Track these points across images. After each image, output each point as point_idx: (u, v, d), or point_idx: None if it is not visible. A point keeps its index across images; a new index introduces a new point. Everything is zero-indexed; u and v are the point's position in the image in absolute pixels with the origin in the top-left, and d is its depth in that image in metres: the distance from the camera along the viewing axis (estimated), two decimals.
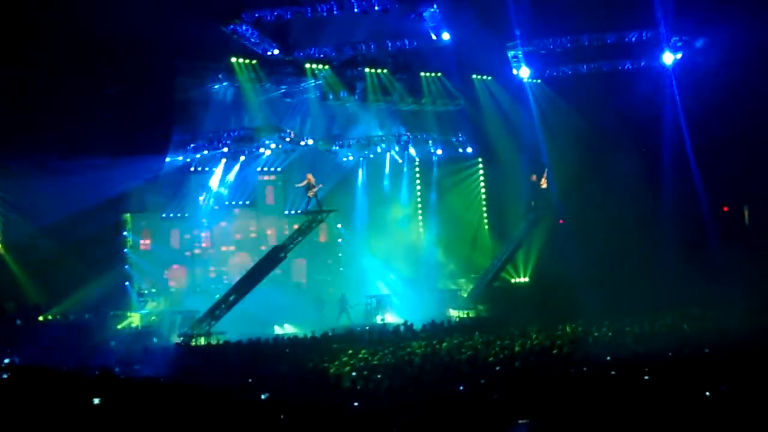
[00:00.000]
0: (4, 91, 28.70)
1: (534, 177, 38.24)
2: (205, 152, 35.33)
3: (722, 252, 36.85)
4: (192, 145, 34.86)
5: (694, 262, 35.90)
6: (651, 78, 38.00)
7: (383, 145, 39.60)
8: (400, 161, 41.41)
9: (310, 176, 33.28)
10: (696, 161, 37.81)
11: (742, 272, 33.44)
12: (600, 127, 37.71)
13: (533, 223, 38.62)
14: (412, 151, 41.11)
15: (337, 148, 38.71)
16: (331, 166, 38.60)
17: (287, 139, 35.07)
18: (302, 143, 35.79)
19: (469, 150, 41.53)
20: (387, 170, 41.30)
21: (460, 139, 40.95)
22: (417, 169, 42.57)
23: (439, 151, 40.75)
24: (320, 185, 33.28)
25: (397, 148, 40.20)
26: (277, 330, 34.02)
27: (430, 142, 40.18)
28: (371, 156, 40.31)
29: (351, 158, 39.76)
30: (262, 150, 36.09)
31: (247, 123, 36.11)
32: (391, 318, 36.11)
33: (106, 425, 9.78)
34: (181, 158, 35.29)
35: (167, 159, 34.55)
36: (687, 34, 35.88)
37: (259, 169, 38.09)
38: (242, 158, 36.39)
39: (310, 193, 32.92)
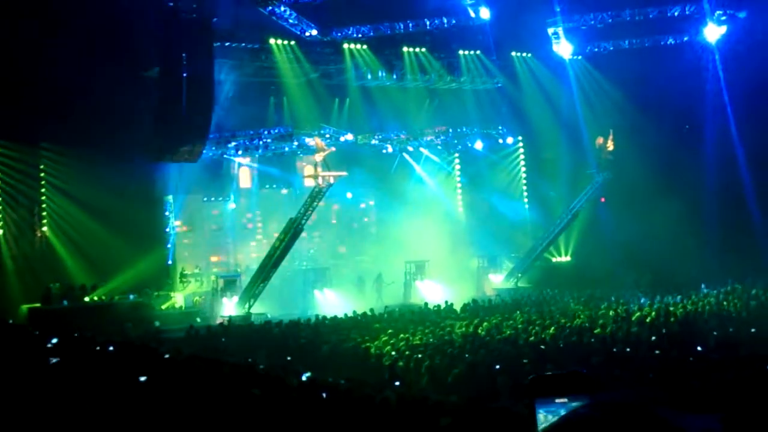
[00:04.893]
0: (46, 77, 29.00)
1: (600, 139, 37.67)
2: (247, 151, 35.38)
3: (765, 229, 36.36)
4: (233, 143, 34.79)
5: (736, 239, 35.53)
6: (694, 53, 37.36)
7: (424, 140, 39.46)
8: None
9: (317, 140, 32.94)
10: (739, 138, 37.21)
11: None
12: (642, 104, 37.23)
13: (600, 187, 38.15)
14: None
15: (377, 142, 38.55)
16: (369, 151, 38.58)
17: (327, 136, 34.66)
18: (342, 139, 35.48)
19: (510, 141, 41.15)
20: (426, 156, 41.25)
21: (501, 131, 40.55)
22: (457, 156, 42.49)
23: (480, 144, 40.36)
24: (332, 149, 32.98)
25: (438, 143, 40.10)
26: (317, 295, 34.43)
27: (470, 136, 40.08)
28: (410, 149, 40.21)
29: (390, 150, 39.44)
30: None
31: (286, 108, 36.21)
32: (430, 283, 36.34)
33: (152, 402, 9.92)
34: (225, 155, 35.48)
35: (209, 154, 34.77)
36: (731, 7, 35.13)
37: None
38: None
39: (318, 158, 32.53)
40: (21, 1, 28.82)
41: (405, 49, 37.73)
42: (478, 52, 39.02)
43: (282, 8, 32.38)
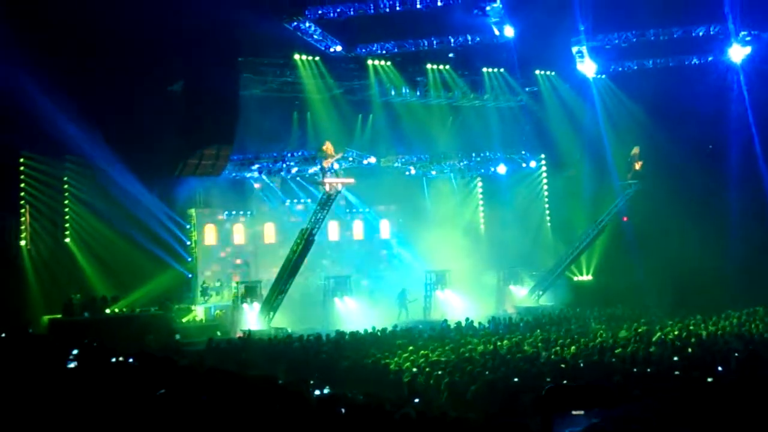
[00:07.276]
0: (73, 90, 29.26)
1: (637, 149, 37.41)
2: (270, 174, 35.83)
3: None
4: (256, 166, 35.16)
5: (760, 260, 35.20)
6: (718, 73, 37.14)
7: (447, 164, 39.44)
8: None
9: (328, 145, 32.70)
10: (764, 158, 36.93)
11: None
12: (665, 124, 37.05)
13: (630, 197, 37.87)
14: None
15: (400, 164, 38.54)
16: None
17: (350, 159, 34.73)
18: (365, 162, 35.51)
19: (533, 165, 41.08)
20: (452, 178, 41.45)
21: (524, 155, 40.48)
22: (480, 183, 42.59)
23: (503, 169, 40.25)
24: (339, 155, 32.90)
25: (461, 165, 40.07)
26: (338, 303, 34.44)
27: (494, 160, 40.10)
28: (433, 172, 40.30)
29: (414, 172, 39.53)
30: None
31: (310, 123, 36.43)
32: (450, 292, 36.39)
33: (171, 414, 9.94)
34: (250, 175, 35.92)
35: (232, 175, 35.22)
36: (756, 28, 34.93)
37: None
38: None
39: (326, 163, 32.36)
40: (45, 21, 29.09)
41: (429, 66, 37.91)
42: (501, 69, 39.08)
43: (307, 24, 32.58)
